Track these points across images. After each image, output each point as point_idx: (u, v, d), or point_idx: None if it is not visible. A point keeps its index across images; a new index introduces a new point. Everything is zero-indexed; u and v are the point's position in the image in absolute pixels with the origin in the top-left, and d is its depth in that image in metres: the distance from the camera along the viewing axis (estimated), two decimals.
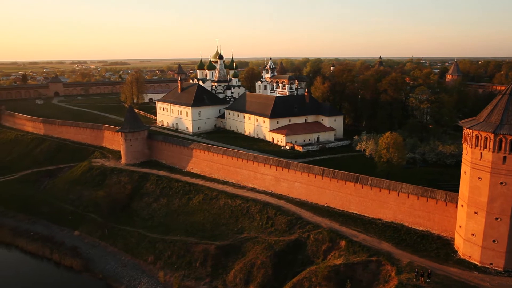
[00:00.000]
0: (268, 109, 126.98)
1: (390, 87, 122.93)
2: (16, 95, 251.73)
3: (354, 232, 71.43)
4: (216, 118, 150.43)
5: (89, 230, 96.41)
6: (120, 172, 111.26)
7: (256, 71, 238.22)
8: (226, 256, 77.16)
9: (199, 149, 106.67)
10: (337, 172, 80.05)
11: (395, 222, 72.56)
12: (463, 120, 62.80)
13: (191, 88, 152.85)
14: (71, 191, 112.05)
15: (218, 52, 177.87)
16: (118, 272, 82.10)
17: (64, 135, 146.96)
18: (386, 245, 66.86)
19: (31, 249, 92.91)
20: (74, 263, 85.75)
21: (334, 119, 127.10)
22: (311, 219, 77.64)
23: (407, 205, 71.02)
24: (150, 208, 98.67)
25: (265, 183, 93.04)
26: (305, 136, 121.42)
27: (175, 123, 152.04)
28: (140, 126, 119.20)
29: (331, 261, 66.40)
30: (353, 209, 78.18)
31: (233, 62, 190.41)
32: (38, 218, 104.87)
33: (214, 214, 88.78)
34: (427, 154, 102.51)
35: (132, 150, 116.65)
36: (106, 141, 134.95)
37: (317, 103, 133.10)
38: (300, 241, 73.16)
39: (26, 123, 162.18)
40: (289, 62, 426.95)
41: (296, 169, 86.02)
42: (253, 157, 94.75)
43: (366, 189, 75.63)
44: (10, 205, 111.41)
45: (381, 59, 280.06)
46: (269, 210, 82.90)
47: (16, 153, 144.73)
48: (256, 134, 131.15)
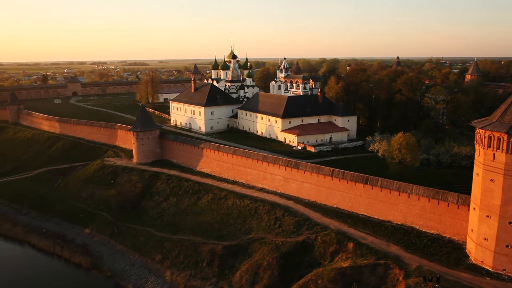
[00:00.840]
0: (280, 109, 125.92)
1: (405, 87, 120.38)
2: (36, 95, 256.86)
3: (362, 234, 69.83)
4: (229, 118, 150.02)
5: (99, 228, 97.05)
6: (131, 171, 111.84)
7: (271, 71, 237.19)
8: (233, 256, 76.45)
9: (209, 149, 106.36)
10: (346, 173, 78.53)
11: (405, 225, 70.66)
12: (475, 120, 60.67)
13: (204, 88, 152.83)
14: (83, 189, 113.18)
15: (232, 52, 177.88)
16: (126, 270, 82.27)
17: (78, 134, 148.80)
18: (394, 248, 65.08)
19: (43, 246, 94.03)
20: (83, 260, 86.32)
21: (348, 119, 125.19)
22: (319, 220, 76.33)
23: (418, 207, 69.06)
24: (159, 207, 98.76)
25: (274, 184, 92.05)
26: (317, 137, 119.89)
27: (188, 123, 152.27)
28: (151, 125, 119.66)
29: (338, 263, 65.02)
30: (363, 211, 76.50)
31: (247, 62, 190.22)
32: (50, 215, 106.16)
33: (222, 214, 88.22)
34: (441, 155, 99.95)
35: (143, 149, 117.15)
36: (119, 140, 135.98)
37: (330, 103, 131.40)
38: (308, 242, 71.92)
39: (43, 122, 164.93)
40: (305, 63, 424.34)
41: (305, 170, 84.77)
42: (263, 157, 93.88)
43: (376, 190, 73.90)
44: (24, 203, 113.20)
45: (399, 59, 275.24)
46: (277, 210, 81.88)
47: (32, 152, 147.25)
48: (268, 134, 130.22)
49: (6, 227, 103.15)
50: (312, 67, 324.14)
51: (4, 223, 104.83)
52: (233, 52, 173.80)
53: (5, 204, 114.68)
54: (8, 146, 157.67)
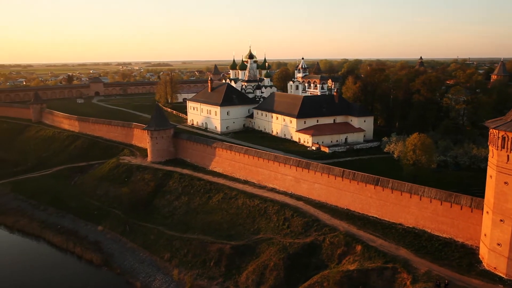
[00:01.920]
0: (296, 109, 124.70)
1: (423, 87, 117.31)
2: (60, 95, 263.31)
3: (371, 237, 68.07)
4: (245, 118, 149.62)
5: (112, 225, 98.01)
6: (144, 169, 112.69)
7: (290, 72, 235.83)
8: (240, 256, 75.80)
9: (221, 148, 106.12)
10: (357, 174, 76.78)
11: (417, 228, 68.48)
12: (489, 120, 58.19)
13: (221, 88, 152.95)
14: (98, 187, 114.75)
15: (250, 52, 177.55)
16: (136, 268, 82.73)
17: (97, 133, 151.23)
18: (404, 251, 63.12)
19: (56, 242, 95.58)
20: (95, 257, 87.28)
21: (364, 120, 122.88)
22: (328, 221, 74.89)
23: (430, 210, 66.81)
24: (171, 205, 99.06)
25: (285, 184, 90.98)
26: (333, 137, 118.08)
27: (204, 122, 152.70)
28: (166, 124, 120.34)
29: (344, 266, 63.55)
30: (373, 213, 74.62)
31: (265, 62, 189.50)
32: (66, 212, 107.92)
33: (232, 213, 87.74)
34: (459, 157, 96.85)
35: (157, 148, 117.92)
36: (136, 139, 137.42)
37: (346, 103, 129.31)
38: (315, 244, 70.64)
39: (63, 120, 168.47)
40: (327, 63, 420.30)
41: (316, 170, 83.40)
42: (274, 157, 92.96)
43: (387, 192, 71.94)
44: (42, 199, 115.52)
45: (422, 59, 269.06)
46: (287, 211, 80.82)
47: (53, 150, 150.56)
48: (283, 134, 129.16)
49: (23, 222, 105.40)
50: (333, 67, 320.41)
51: (22, 219, 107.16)
52: (251, 52, 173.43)
53: (24, 200, 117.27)
54: (30, 144, 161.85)
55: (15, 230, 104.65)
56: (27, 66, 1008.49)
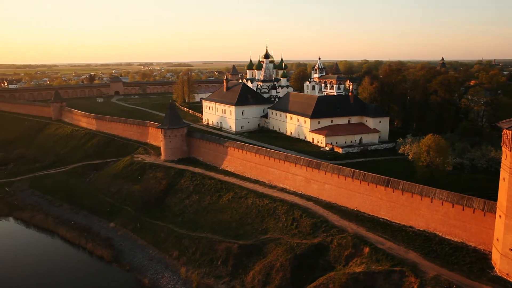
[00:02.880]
0: (310, 109, 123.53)
1: (441, 88, 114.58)
2: (81, 94, 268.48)
3: (380, 239, 66.60)
4: (260, 118, 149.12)
5: (123, 222, 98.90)
6: (157, 167, 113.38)
7: (308, 72, 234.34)
8: (247, 256, 75.24)
9: (233, 147, 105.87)
10: (367, 175, 75.30)
11: (428, 231, 66.62)
12: (503, 121, 56.12)
13: (236, 87, 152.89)
14: (112, 184, 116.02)
15: (267, 51, 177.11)
16: (144, 265, 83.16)
17: (113, 131, 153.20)
18: (413, 255, 61.48)
19: (69, 237, 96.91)
20: (105, 253, 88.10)
21: (379, 121, 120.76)
22: (337, 222, 73.69)
23: (441, 213, 64.92)
24: (182, 204, 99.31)
25: (295, 184, 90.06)
26: (347, 138, 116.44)
27: (219, 122, 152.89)
28: (179, 123, 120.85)
29: (351, 268, 62.28)
30: (383, 215, 73.03)
31: (282, 62, 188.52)
32: (80, 208, 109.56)
33: (241, 213, 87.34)
34: (477, 159, 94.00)
35: (171, 146, 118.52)
36: (151, 138, 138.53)
37: (362, 103, 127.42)
38: (323, 245, 69.54)
39: (82, 119, 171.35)
40: (347, 64, 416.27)
41: (326, 170, 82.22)
42: (284, 157, 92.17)
43: (397, 193, 70.28)
44: (57, 195, 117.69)
45: (444, 60, 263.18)
46: (296, 211, 79.91)
47: (70, 147, 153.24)
48: (297, 135, 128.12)
49: (39, 217, 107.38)
50: (353, 68, 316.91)
51: (38, 214, 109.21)
52: (268, 52, 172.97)
53: (41, 196, 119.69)
54: (49, 141, 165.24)
55: (31, 225, 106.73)
56: (53, 66, 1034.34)
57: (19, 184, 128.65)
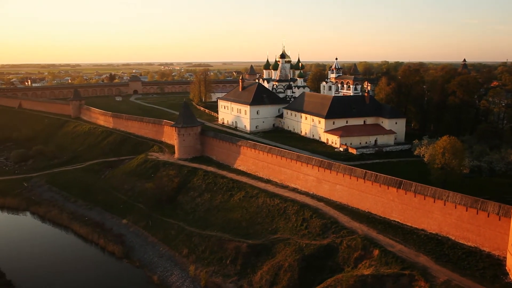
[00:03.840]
0: (325, 109, 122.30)
1: (459, 89, 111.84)
2: (100, 92, 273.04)
3: (391, 242, 65.20)
4: (275, 118, 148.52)
5: (135, 219, 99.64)
6: (170, 165, 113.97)
7: (326, 73, 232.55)
8: (256, 255, 74.76)
9: (246, 146, 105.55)
10: (379, 176, 73.88)
11: (440, 235, 64.87)
12: None
13: (252, 87, 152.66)
14: (126, 181, 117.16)
15: (283, 51, 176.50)
16: (154, 262, 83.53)
17: (129, 129, 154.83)
18: (424, 258, 59.92)
19: (82, 233, 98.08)
20: (117, 249, 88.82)
21: (395, 122, 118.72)
22: (347, 224, 72.52)
23: (454, 216, 63.10)
24: (193, 202, 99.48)
25: (307, 184, 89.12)
26: (361, 139, 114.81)
27: (234, 121, 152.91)
28: (193, 122, 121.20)
29: (360, 270, 61.13)
30: (395, 217, 71.49)
31: (299, 63, 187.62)
32: (94, 204, 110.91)
33: (251, 212, 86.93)
34: (495, 163, 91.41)
35: (184, 145, 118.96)
36: (165, 136, 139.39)
37: (377, 104, 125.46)
38: (332, 246, 68.52)
39: (99, 116, 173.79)
40: (367, 65, 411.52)
41: (338, 171, 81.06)
42: (296, 157, 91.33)
43: (410, 195, 68.70)
44: (73, 191, 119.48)
45: (465, 61, 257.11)
46: (306, 211, 79.04)
47: (87, 144, 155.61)
48: (312, 135, 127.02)
49: (54, 213, 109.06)
50: (371, 69, 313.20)
51: (53, 209, 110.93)
52: (283, 52, 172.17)
53: (57, 192, 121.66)
54: (67, 139, 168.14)
55: (46, 220, 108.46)
56: (76, 65, 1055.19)
57: (37, 180, 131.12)
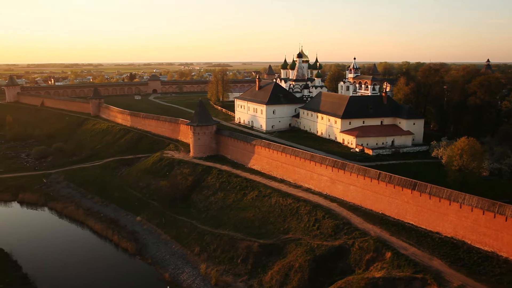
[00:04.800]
0: (341, 109, 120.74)
1: (480, 89, 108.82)
2: (120, 91, 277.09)
3: (404, 244, 63.76)
4: (291, 117, 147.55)
5: (149, 217, 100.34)
6: (185, 164, 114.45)
7: (344, 73, 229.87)
8: (267, 255, 74.25)
9: (260, 146, 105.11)
10: (393, 177, 72.36)
11: (455, 238, 63.08)
12: None
13: (268, 86, 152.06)
14: (141, 179, 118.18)
15: (302, 51, 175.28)
16: (166, 259, 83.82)
17: (146, 127, 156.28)
18: (438, 262, 58.36)
19: (97, 229, 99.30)
20: (130, 246, 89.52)
21: (413, 123, 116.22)
22: (360, 225, 71.30)
23: (470, 219, 61.24)
24: (207, 201, 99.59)
25: (320, 184, 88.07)
26: (378, 139, 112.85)
27: (250, 121, 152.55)
28: (209, 120, 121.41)
29: (371, 272, 59.94)
30: (409, 219, 69.88)
31: (316, 62, 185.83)
32: (109, 201, 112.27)
33: (264, 211, 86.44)
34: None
35: (199, 143, 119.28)
36: (182, 135, 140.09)
37: (395, 104, 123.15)
38: (344, 248, 67.47)
39: (117, 115, 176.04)
40: (387, 66, 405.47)
41: (352, 171, 79.80)
42: (310, 156, 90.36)
43: (424, 197, 67.03)
44: (90, 188, 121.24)
45: (489, 62, 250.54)
46: (319, 212, 78.08)
47: (105, 142, 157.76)
48: (328, 135, 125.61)
49: (70, 209, 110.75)
50: (392, 70, 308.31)
51: (70, 205, 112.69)
52: (301, 51, 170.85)
53: (74, 188, 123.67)
54: (86, 136, 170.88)
55: (63, 215, 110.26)
56: (98, 65, 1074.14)
57: (56, 176, 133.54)
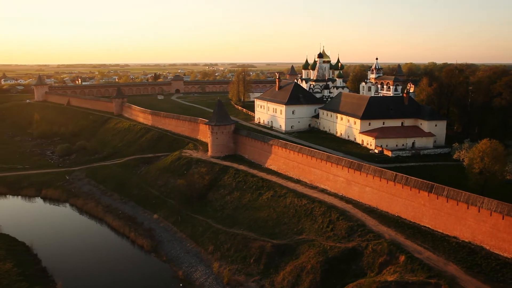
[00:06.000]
0: (360, 110, 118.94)
1: (506, 90, 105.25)
2: (144, 91, 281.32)
3: (419, 248, 62.10)
4: (311, 118, 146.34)
5: (166, 215, 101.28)
6: (202, 163, 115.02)
7: (366, 73, 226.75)
8: (280, 256, 73.75)
9: (277, 146, 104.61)
10: (410, 179, 70.62)
11: (473, 243, 61.00)
12: None
13: (288, 87, 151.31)
14: (160, 177, 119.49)
15: (323, 51, 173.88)
16: (181, 257, 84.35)
17: (166, 127, 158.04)
18: (453, 267, 56.54)
19: (115, 226, 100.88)
20: (146, 243, 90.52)
21: (435, 124, 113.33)
22: (374, 228, 69.91)
23: (489, 224, 59.12)
24: (223, 200, 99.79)
25: (336, 185, 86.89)
26: (398, 141, 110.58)
27: (270, 121, 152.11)
28: (227, 120, 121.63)
29: (383, 276, 58.59)
30: (426, 223, 68.06)
31: (338, 63, 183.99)
32: (128, 199, 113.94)
33: (278, 212, 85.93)
34: None
35: (217, 143, 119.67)
36: (201, 134, 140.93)
37: (417, 105, 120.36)
38: (357, 250, 66.27)
39: (139, 114, 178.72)
40: (413, 66, 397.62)
41: (368, 172, 78.36)
42: (326, 157, 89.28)
43: (442, 200, 65.14)
44: (110, 185, 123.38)
45: None
46: (333, 213, 77.03)
47: (126, 140, 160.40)
48: (347, 136, 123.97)
49: (90, 205, 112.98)
50: (417, 71, 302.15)
51: (90, 202, 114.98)
52: (322, 51, 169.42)
53: (95, 185, 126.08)
54: (108, 135, 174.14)
55: (83, 212, 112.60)
56: (125, 65, 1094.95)
57: (78, 173, 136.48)
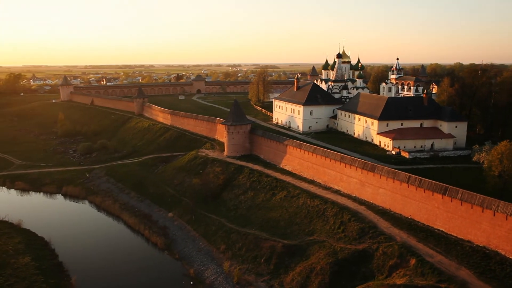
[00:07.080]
0: (378, 111, 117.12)
1: None
2: (166, 91, 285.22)
3: (431, 252, 60.60)
4: (329, 119, 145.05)
5: (180, 213, 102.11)
6: (218, 162, 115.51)
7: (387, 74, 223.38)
8: (290, 256, 73.29)
9: (292, 146, 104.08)
10: (423, 181, 69.01)
11: (488, 248, 59.10)
12: None
13: (306, 87, 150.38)
14: (176, 176, 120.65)
15: (342, 51, 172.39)
16: (193, 255, 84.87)
17: (185, 126, 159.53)
18: (465, 272, 54.92)
19: (131, 223, 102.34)
20: (159, 241, 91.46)
21: (455, 125, 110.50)
22: (386, 230, 68.64)
23: (505, 228, 57.15)
24: (237, 199, 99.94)
25: (350, 187, 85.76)
26: (416, 142, 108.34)
27: (288, 121, 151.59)
28: (243, 120, 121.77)
29: (392, 279, 57.43)
30: (439, 226, 66.37)
31: (358, 63, 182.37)
32: (145, 197, 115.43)
33: (291, 212, 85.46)
34: None
35: (233, 143, 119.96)
36: (218, 134, 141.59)
37: (437, 106, 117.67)
38: (368, 252, 65.20)
39: (159, 113, 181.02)
40: (438, 67, 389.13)
41: (381, 174, 77.00)
42: (340, 158, 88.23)
43: (456, 203, 63.38)
44: (127, 183, 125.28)
45: None
46: (345, 214, 76.04)
47: (146, 139, 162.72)
48: (365, 137, 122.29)
49: (108, 203, 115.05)
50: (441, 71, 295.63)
51: (108, 199, 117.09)
52: (342, 51, 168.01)
53: (113, 183, 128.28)
54: (129, 134, 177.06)
55: (101, 209, 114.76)
56: (149, 66, 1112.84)
57: (98, 171, 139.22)
